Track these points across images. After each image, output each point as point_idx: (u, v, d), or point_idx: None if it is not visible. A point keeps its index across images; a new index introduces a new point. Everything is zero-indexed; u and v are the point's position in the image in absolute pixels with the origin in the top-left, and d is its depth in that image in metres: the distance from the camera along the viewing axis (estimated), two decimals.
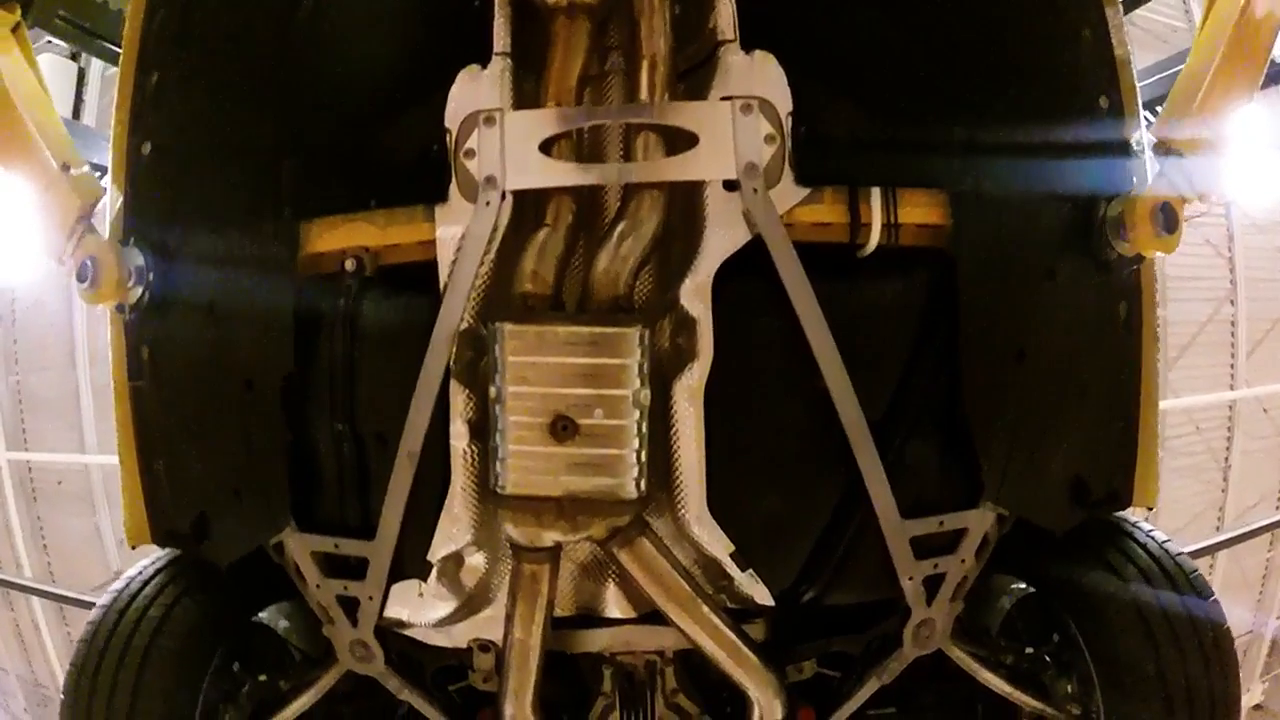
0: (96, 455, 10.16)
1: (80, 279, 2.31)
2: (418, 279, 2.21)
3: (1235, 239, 10.08)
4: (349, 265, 2.24)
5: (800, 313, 2.11)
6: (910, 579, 2.26)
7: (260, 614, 2.67)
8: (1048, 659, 2.49)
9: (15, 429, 10.64)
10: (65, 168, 2.40)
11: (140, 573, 2.44)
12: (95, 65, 9.87)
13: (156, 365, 2.41)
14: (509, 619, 2.21)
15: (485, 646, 2.47)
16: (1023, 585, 2.65)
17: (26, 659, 10.66)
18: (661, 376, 2.12)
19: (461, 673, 2.60)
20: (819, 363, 2.13)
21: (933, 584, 2.31)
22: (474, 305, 2.15)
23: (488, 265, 2.14)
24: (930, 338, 2.29)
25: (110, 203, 2.52)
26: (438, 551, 2.26)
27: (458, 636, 2.49)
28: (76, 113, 8.89)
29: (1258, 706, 11.18)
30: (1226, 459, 10.46)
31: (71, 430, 10.64)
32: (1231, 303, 10.57)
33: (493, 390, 2.08)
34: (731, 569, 2.24)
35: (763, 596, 2.29)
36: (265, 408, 2.29)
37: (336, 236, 2.26)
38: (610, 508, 2.07)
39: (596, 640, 2.45)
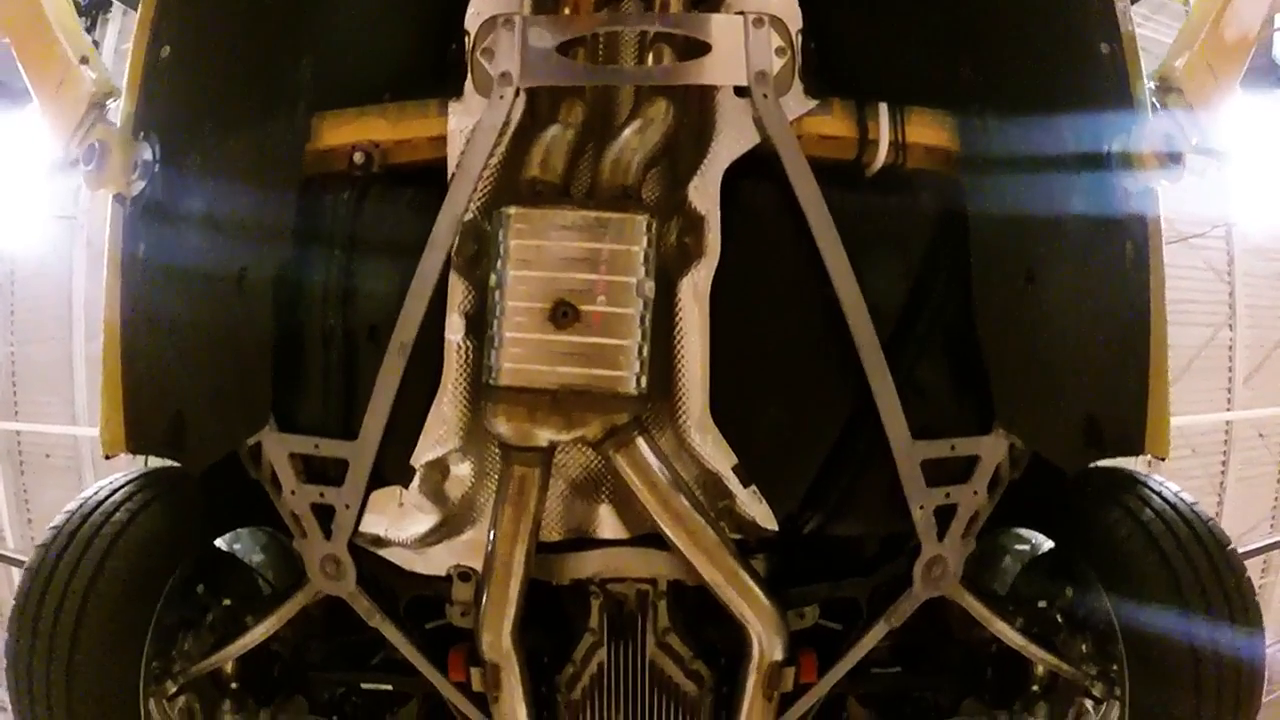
0: (86, 428, 10.11)
1: (86, 162, 2.31)
2: (426, 178, 2.20)
3: (1235, 262, 10.13)
4: (357, 159, 2.23)
5: (809, 216, 2.10)
6: (921, 508, 2.21)
7: (234, 546, 2.62)
8: (1059, 619, 2.44)
9: (7, 399, 10.59)
10: (83, 61, 2.43)
11: (110, 482, 2.39)
12: (109, 40, 9.93)
13: (151, 261, 2.40)
14: (493, 529, 2.14)
15: (465, 574, 2.36)
16: (1028, 547, 2.61)
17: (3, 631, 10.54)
18: (667, 277, 2.10)
19: (437, 609, 2.50)
20: (828, 268, 2.11)
21: (944, 517, 2.24)
22: (480, 199, 2.14)
23: (497, 158, 2.13)
24: (939, 260, 2.29)
25: (124, 106, 2.53)
26: (422, 456, 2.20)
27: (436, 562, 2.40)
28: None
29: None
30: (1222, 483, 10.44)
31: (64, 405, 10.59)
32: (1230, 327, 10.60)
33: (493, 278, 2.05)
34: (733, 484, 2.19)
35: (765, 518, 2.23)
36: (256, 299, 2.26)
37: (347, 130, 2.25)
38: (608, 402, 2.02)
39: (586, 564, 2.36)
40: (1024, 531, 2.63)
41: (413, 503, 2.27)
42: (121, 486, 2.36)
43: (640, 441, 2.09)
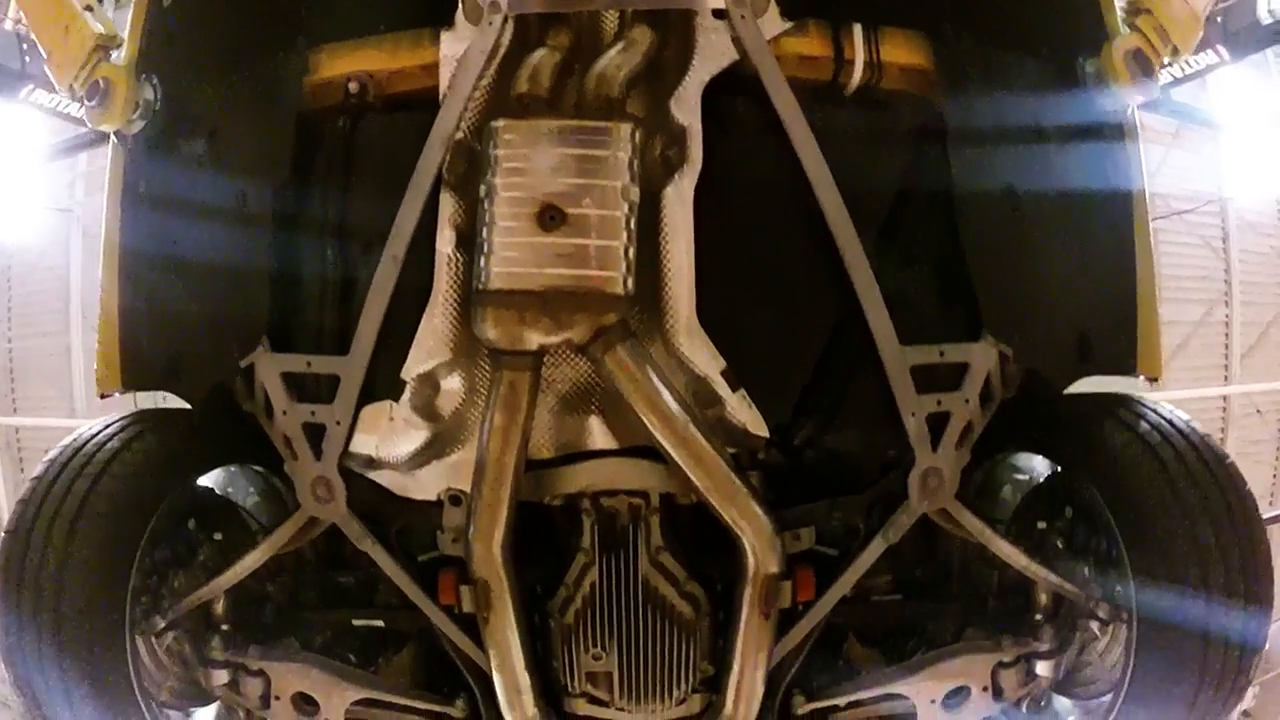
0: (86, 421, 10.12)
1: (89, 98, 2.39)
2: (419, 104, 2.25)
3: (1230, 238, 10.16)
4: (352, 88, 2.29)
5: (789, 129, 2.14)
6: (913, 415, 2.20)
7: (227, 489, 2.64)
8: (1060, 544, 2.42)
9: (5, 394, 10.62)
10: (87, 8, 2.52)
11: (104, 420, 2.41)
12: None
13: (152, 195, 2.45)
14: (484, 434, 2.16)
15: (456, 498, 2.35)
16: (1026, 476, 2.59)
17: None
18: (652, 189, 2.14)
19: (429, 543, 2.47)
20: (810, 177, 2.14)
21: (937, 426, 2.23)
22: (471, 121, 2.19)
23: (487, 80, 2.18)
24: (919, 175, 2.31)
25: (126, 51, 2.59)
26: (413, 368, 2.23)
27: (427, 485, 2.40)
28: None
29: (1246, 714, 11.07)
30: None
31: (63, 398, 10.62)
32: (1226, 304, 10.62)
33: (482, 188, 2.10)
34: (722, 388, 2.20)
35: (756, 424, 2.24)
36: (255, 222, 2.32)
37: (344, 62, 2.31)
38: (595, 302, 2.05)
39: (577, 477, 2.33)
40: (1021, 459, 2.61)
41: (403, 417, 2.29)
42: (114, 422, 2.39)
43: (628, 344, 2.11)
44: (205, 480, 2.59)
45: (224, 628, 2.49)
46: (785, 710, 2.49)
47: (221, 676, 2.46)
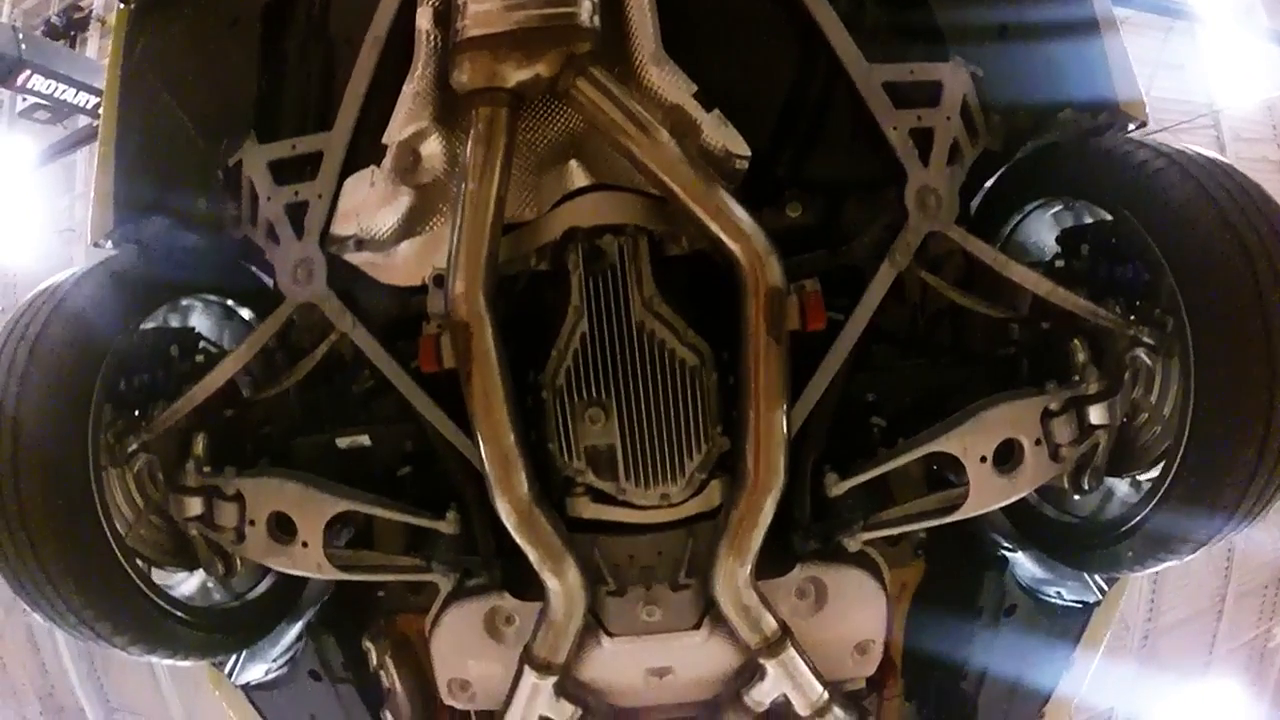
0: None
1: None
2: None
3: (1227, 150, 10.12)
4: None
5: None
6: (894, 129, 2.20)
7: (216, 332, 2.61)
8: (1082, 292, 2.25)
9: None
10: None
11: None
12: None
13: (151, 43, 2.58)
14: (463, 172, 2.18)
15: (439, 278, 2.26)
16: (1041, 243, 2.49)
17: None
18: None
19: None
20: None
21: (923, 142, 2.22)
22: None
23: None
24: None
25: None
26: (395, 134, 2.27)
27: (410, 267, 2.38)
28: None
29: None
30: None
31: None
32: None
33: None
34: (696, 110, 2.23)
35: (736, 144, 2.23)
36: (245, 35, 2.46)
37: None
38: (564, 34, 2.13)
39: (558, 218, 2.32)
40: (1030, 230, 2.50)
41: (384, 182, 2.30)
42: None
43: (598, 70, 2.17)
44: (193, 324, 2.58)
45: (206, 469, 2.34)
46: (817, 493, 2.31)
47: (195, 506, 2.29)
